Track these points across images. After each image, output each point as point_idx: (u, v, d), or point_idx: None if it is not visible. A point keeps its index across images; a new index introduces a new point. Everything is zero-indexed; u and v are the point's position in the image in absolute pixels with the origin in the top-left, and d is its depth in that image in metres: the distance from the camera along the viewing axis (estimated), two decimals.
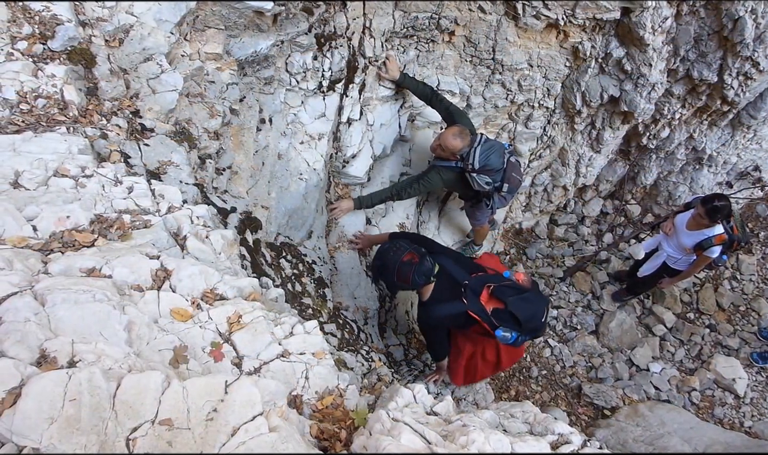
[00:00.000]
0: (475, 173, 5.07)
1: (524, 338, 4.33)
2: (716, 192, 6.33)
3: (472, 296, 4.24)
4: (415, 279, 4.19)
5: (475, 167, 5.02)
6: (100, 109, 3.01)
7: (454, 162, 5.16)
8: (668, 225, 6.59)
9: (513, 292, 4.26)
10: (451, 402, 2.34)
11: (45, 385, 1.52)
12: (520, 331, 4.20)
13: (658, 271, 6.98)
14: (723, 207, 5.77)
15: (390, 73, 5.35)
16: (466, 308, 4.19)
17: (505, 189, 5.26)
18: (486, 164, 5.01)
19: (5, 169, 2.34)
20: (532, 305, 4.26)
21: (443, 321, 4.51)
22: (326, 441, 2.00)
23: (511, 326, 4.18)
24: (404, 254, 4.21)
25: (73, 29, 3.01)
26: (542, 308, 4.34)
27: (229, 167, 4.15)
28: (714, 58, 6.01)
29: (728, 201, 5.87)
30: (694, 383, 7.23)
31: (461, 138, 4.99)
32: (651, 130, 7.23)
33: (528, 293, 4.31)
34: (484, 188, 5.16)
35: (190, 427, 1.60)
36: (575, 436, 2.16)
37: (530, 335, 4.41)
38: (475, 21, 5.57)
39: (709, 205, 5.84)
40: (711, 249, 6.11)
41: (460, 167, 5.14)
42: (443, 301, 4.35)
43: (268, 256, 4.36)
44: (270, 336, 2.23)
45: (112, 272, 2.08)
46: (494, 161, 5.07)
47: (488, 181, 5.12)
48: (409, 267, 4.16)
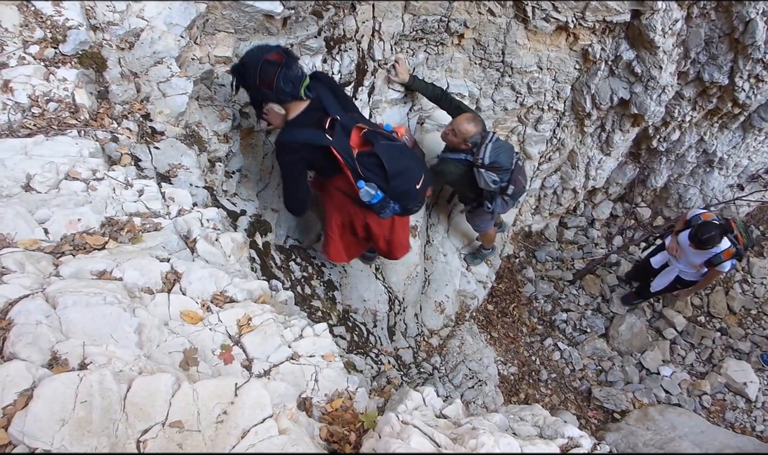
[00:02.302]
0: (483, 169, 4.98)
1: (392, 206, 3.87)
2: (701, 221, 6.06)
3: (341, 134, 3.64)
4: (280, 85, 3.46)
5: (484, 163, 4.94)
6: (110, 113, 3.03)
7: (464, 154, 5.06)
8: (673, 246, 6.57)
9: (388, 141, 3.80)
10: (461, 405, 2.33)
11: (56, 387, 1.53)
12: (387, 192, 3.75)
13: (671, 285, 6.99)
14: (711, 238, 5.78)
15: (399, 76, 5.35)
16: (330, 144, 3.59)
17: (509, 191, 5.17)
18: (496, 161, 4.94)
19: (17, 172, 2.36)
20: (405, 160, 3.82)
21: (300, 150, 3.68)
22: (336, 443, 2.00)
23: (377, 182, 3.70)
24: (271, 53, 3.48)
25: (84, 33, 3.03)
26: (418, 171, 3.89)
27: (239, 169, 4.17)
28: (725, 60, 5.98)
29: (715, 228, 5.84)
30: (705, 387, 7.19)
31: (474, 123, 4.92)
32: (661, 132, 7.20)
33: (404, 146, 3.90)
34: (489, 186, 5.06)
35: (201, 429, 1.60)
36: (585, 440, 2.15)
37: (399, 203, 3.91)
38: (484, 24, 5.56)
39: (696, 240, 5.88)
40: (722, 265, 6.11)
41: (470, 160, 5.05)
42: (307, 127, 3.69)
43: (277, 259, 4.38)
44: (279, 339, 2.23)
45: (122, 274, 2.09)
46: (504, 159, 5.00)
47: (495, 179, 5.03)
48: (275, 68, 3.43)
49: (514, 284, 8.16)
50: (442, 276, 6.80)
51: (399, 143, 3.87)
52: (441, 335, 6.74)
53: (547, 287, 8.29)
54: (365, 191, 3.70)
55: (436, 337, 6.67)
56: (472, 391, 5.96)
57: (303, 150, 3.68)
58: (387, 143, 3.74)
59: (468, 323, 7.18)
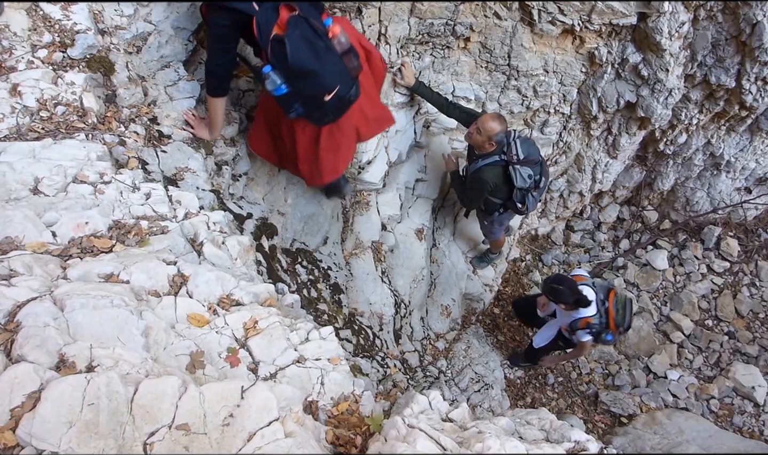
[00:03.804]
0: (518, 165, 5.01)
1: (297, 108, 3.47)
2: (559, 274, 5.49)
3: (270, 9, 3.23)
4: None
5: (519, 158, 4.97)
6: (118, 116, 3.05)
7: (496, 156, 5.07)
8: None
9: (311, 33, 3.30)
10: (467, 409, 2.33)
11: (64, 390, 1.53)
12: (289, 83, 3.33)
13: (554, 341, 6.00)
14: (560, 291, 5.06)
15: (405, 80, 5.35)
16: (254, 13, 3.17)
17: (542, 184, 5.20)
18: (528, 154, 4.99)
19: (25, 175, 2.37)
20: (317, 62, 3.33)
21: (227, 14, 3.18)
22: (342, 447, 2.00)
23: (282, 71, 3.28)
24: None
25: (92, 37, 3.05)
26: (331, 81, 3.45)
27: (246, 173, 4.18)
28: (732, 63, 5.96)
29: (570, 285, 5.09)
30: (713, 391, 7.15)
31: (499, 122, 4.93)
32: (668, 135, 7.18)
33: (325, 48, 3.37)
34: (525, 182, 5.07)
35: (207, 432, 1.61)
36: (592, 444, 2.15)
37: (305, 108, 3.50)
38: (490, 27, 5.56)
39: (545, 285, 5.25)
40: (578, 332, 5.30)
41: (504, 160, 5.06)
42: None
43: (283, 262, 4.38)
44: (286, 342, 2.24)
45: (129, 277, 2.10)
46: (534, 152, 5.06)
47: (530, 173, 5.06)
48: None
49: (521, 288, 8.13)
50: (448, 279, 6.80)
51: (320, 43, 3.34)
52: (447, 339, 6.73)
53: None
54: (271, 79, 3.29)
55: (443, 340, 6.66)
56: (478, 395, 5.94)
57: (229, 15, 3.21)
58: (301, 35, 3.25)
59: (474, 327, 7.17)
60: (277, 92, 3.33)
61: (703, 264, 8.37)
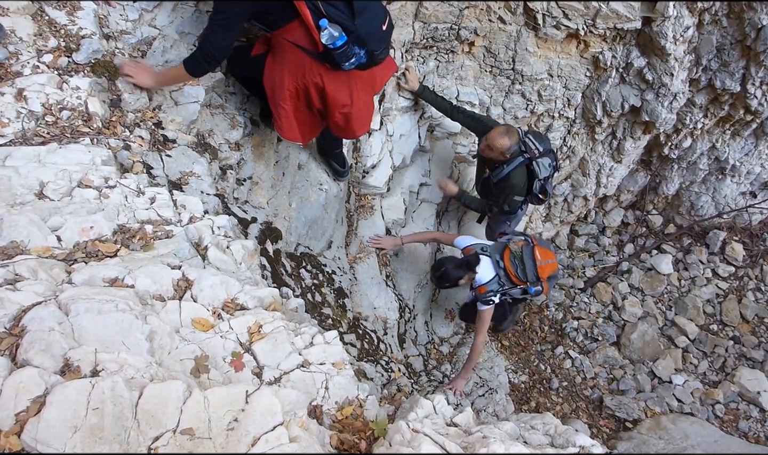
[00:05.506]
0: (540, 158, 5.11)
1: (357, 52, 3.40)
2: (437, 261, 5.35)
3: None
4: None
5: (540, 151, 5.08)
6: (123, 121, 3.05)
7: (520, 158, 5.13)
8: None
9: None
10: (471, 414, 2.32)
11: (68, 394, 1.53)
12: (352, 33, 3.27)
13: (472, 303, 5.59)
14: (446, 273, 5.00)
15: (409, 84, 5.37)
16: None
17: (557, 172, 5.30)
18: (545, 147, 5.13)
19: (30, 180, 2.38)
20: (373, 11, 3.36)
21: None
22: (346, 451, 2.00)
23: (341, 21, 3.21)
24: None
25: (97, 42, 3.06)
26: (382, 9, 3.46)
27: (250, 177, 4.18)
28: (737, 67, 5.96)
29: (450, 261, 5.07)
30: (718, 395, 7.12)
31: (509, 136, 4.99)
32: (673, 140, 7.17)
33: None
34: (547, 170, 5.16)
35: (212, 437, 1.60)
36: (597, 448, 2.14)
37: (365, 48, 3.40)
38: (494, 31, 5.57)
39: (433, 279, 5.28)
40: (478, 304, 5.13)
41: (528, 157, 5.12)
42: None
43: (288, 266, 4.38)
44: (290, 346, 2.23)
45: (134, 282, 2.10)
46: (547, 143, 5.19)
47: (550, 162, 5.18)
48: None
49: None
50: None
51: None
52: (451, 343, 6.73)
53: (558, 295, 8.25)
54: (328, 33, 3.19)
55: (447, 345, 6.66)
56: (482, 399, 5.92)
57: None
58: None
59: None
60: (337, 43, 3.22)
61: (708, 269, 8.33)
